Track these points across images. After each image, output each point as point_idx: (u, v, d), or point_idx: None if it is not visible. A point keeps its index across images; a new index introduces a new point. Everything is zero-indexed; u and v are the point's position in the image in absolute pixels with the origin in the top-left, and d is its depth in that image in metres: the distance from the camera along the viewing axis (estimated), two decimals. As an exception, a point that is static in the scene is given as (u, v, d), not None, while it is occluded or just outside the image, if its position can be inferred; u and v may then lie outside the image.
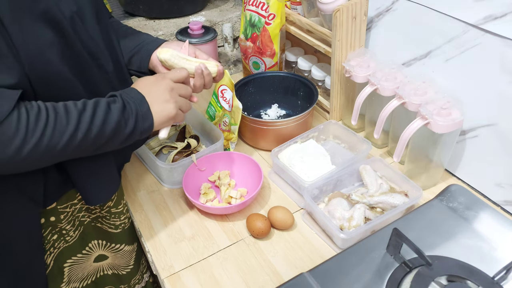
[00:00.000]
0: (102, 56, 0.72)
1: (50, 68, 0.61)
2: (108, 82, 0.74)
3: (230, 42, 1.46)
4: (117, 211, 0.85)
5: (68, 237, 0.81)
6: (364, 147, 0.98)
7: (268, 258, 0.81)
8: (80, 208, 0.80)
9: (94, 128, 0.63)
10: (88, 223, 0.83)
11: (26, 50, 0.58)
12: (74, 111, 0.62)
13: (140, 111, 0.69)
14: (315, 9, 1.07)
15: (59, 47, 0.62)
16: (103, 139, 0.65)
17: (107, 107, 0.65)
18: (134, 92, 0.70)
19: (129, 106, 0.68)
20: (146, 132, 0.71)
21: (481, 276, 0.67)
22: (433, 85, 0.90)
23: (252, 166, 0.95)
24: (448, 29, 0.86)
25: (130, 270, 0.94)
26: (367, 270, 0.70)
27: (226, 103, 1.03)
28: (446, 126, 0.81)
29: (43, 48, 0.60)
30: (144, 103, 0.70)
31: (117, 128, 0.66)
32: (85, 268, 0.88)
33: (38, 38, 0.59)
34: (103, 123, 0.64)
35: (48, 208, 0.74)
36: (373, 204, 0.85)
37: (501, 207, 0.88)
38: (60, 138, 0.60)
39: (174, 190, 0.98)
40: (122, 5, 1.45)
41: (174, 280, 0.78)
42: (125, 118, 0.67)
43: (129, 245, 0.91)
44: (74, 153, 0.64)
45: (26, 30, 0.58)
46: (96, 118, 0.63)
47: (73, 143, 0.61)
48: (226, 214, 0.90)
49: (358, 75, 0.98)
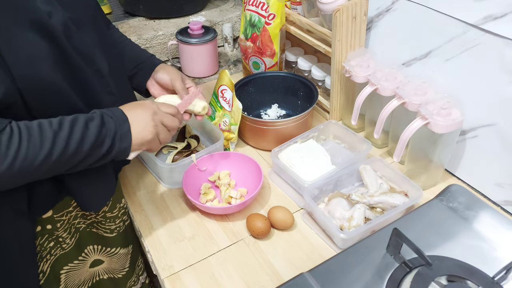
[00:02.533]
0: (99, 61, 0.71)
1: (42, 77, 0.60)
2: (105, 86, 0.73)
3: (230, 42, 1.46)
4: (112, 215, 0.85)
5: (65, 245, 0.81)
6: (364, 147, 0.98)
7: (268, 258, 0.81)
8: (76, 215, 0.80)
9: (70, 148, 0.62)
10: (84, 229, 0.83)
11: (16, 62, 0.57)
12: (49, 132, 0.60)
13: (119, 131, 0.67)
14: (315, 9, 1.07)
15: (52, 55, 0.61)
16: (79, 157, 0.64)
17: (85, 125, 0.64)
18: (118, 112, 0.69)
19: (108, 125, 0.66)
20: (122, 153, 0.69)
21: (481, 276, 0.67)
22: (433, 85, 0.90)
23: (252, 166, 0.95)
24: (448, 29, 0.86)
25: (125, 273, 0.94)
26: (367, 270, 0.70)
27: (226, 103, 1.03)
28: (446, 126, 0.81)
29: (34, 58, 0.59)
30: (125, 123, 0.68)
31: (93, 146, 0.64)
32: (82, 274, 0.88)
33: (29, 48, 0.58)
34: (79, 142, 0.63)
35: (44, 217, 0.74)
36: (373, 204, 0.85)
37: (501, 207, 0.88)
38: (33, 161, 0.59)
39: (174, 190, 0.98)
40: (122, 5, 1.45)
41: (174, 280, 0.78)
42: (102, 137, 0.65)
43: (124, 248, 0.91)
44: (49, 172, 0.63)
45: (15, 41, 0.57)
46: (73, 138, 0.62)
47: (47, 164, 0.60)
48: (226, 214, 0.90)
49: (358, 75, 0.98)
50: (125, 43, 0.93)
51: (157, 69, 0.90)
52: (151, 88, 0.91)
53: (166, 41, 1.35)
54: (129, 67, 0.90)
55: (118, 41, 0.93)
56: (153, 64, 0.90)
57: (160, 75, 0.89)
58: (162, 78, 0.88)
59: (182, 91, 0.85)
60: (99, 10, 0.84)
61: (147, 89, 0.91)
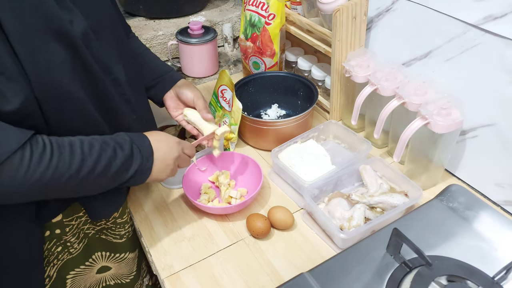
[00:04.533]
0: (116, 70, 0.71)
1: (60, 86, 0.60)
2: (122, 95, 0.73)
3: (230, 42, 1.46)
4: (122, 221, 0.85)
5: (72, 249, 0.80)
6: (364, 147, 0.98)
7: (268, 258, 0.81)
8: (86, 220, 0.80)
9: (96, 171, 0.64)
10: (93, 235, 0.83)
11: (36, 70, 0.57)
12: (79, 152, 0.62)
13: (144, 165, 0.70)
14: (315, 9, 1.07)
15: (71, 64, 0.61)
16: (101, 182, 0.66)
17: (113, 152, 0.66)
18: (146, 144, 0.72)
19: (136, 158, 0.69)
20: (137, 183, 0.72)
21: (481, 276, 0.67)
22: (433, 85, 0.90)
23: (252, 166, 0.95)
24: (448, 29, 0.86)
25: (133, 277, 0.94)
26: (367, 270, 0.70)
27: (226, 103, 1.03)
28: (446, 126, 0.81)
29: (53, 67, 0.59)
30: (150, 158, 0.71)
31: (116, 173, 0.67)
32: (88, 280, 0.87)
33: (49, 56, 0.58)
34: (105, 168, 0.65)
35: (54, 221, 0.74)
36: (373, 204, 0.85)
37: (501, 207, 0.88)
38: (60, 178, 0.60)
39: (174, 190, 0.98)
40: (122, 5, 1.45)
41: (174, 280, 0.78)
42: (127, 166, 0.68)
43: (132, 252, 0.91)
44: (71, 192, 0.65)
45: (37, 51, 0.57)
46: (100, 162, 0.64)
47: (71, 183, 0.62)
48: (226, 214, 0.90)
49: (358, 75, 0.98)
50: (145, 54, 0.95)
51: (180, 84, 0.93)
52: (168, 101, 0.93)
53: (166, 41, 1.35)
54: (148, 78, 0.92)
55: (138, 51, 0.94)
56: (174, 79, 0.93)
57: (184, 91, 0.91)
58: (185, 94, 0.91)
59: (204, 110, 0.89)
60: (120, 18, 0.84)
61: (163, 100, 0.94)
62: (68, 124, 0.64)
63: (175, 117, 0.93)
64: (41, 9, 0.57)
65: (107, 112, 0.70)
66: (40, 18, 0.56)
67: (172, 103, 0.93)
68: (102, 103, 0.68)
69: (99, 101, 0.68)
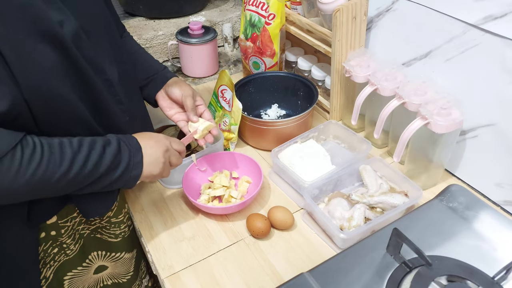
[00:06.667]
0: (108, 70, 0.71)
1: (51, 89, 0.60)
2: (114, 95, 0.72)
3: (230, 42, 1.46)
4: (117, 220, 0.85)
5: (69, 251, 0.81)
6: (364, 147, 0.98)
7: (268, 258, 0.81)
8: (80, 221, 0.80)
9: (86, 169, 0.64)
10: (88, 235, 0.83)
11: (25, 75, 0.56)
12: (69, 151, 0.62)
13: (133, 159, 0.70)
14: (315, 9, 1.07)
15: (61, 66, 0.60)
16: (92, 179, 0.66)
17: (102, 149, 0.66)
18: (133, 141, 0.71)
19: (124, 153, 0.68)
20: (131, 181, 0.71)
21: (481, 276, 0.67)
22: (433, 85, 0.90)
23: (252, 166, 0.95)
24: (448, 29, 0.86)
25: (130, 277, 0.94)
26: (367, 270, 0.70)
27: (226, 103, 1.03)
28: (446, 126, 0.81)
29: (43, 68, 0.58)
30: (139, 153, 0.71)
31: (108, 170, 0.66)
32: (85, 281, 0.87)
33: (38, 61, 0.57)
34: (95, 165, 0.65)
35: (49, 223, 0.74)
36: (373, 204, 0.85)
37: (501, 207, 0.88)
38: (51, 177, 0.60)
39: (174, 190, 0.98)
40: (122, 5, 1.45)
41: (174, 280, 0.78)
42: (117, 162, 0.68)
43: (129, 252, 0.91)
44: (61, 191, 0.65)
45: (25, 54, 0.56)
46: (90, 159, 0.64)
47: (62, 181, 0.62)
48: (226, 214, 0.90)
49: (358, 75, 0.98)
50: (139, 53, 0.94)
51: (170, 83, 0.91)
52: (160, 100, 0.92)
53: (166, 41, 1.35)
54: (141, 78, 0.91)
55: (132, 50, 0.93)
56: (165, 77, 0.92)
57: (172, 89, 0.90)
58: (174, 92, 0.89)
59: (191, 110, 0.87)
60: (114, 18, 0.83)
61: (156, 100, 0.92)
62: (59, 125, 0.64)
63: (170, 117, 0.92)
64: (29, 11, 0.56)
65: (98, 113, 0.69)
66: (27, 20, 0.55)
67: (164, 102, 0.92)
68: (93, 104, 0.68)
69: (90, 102, 0.67)
